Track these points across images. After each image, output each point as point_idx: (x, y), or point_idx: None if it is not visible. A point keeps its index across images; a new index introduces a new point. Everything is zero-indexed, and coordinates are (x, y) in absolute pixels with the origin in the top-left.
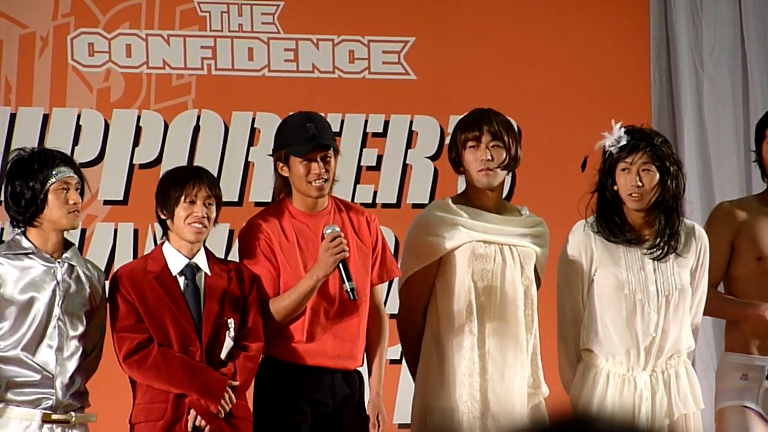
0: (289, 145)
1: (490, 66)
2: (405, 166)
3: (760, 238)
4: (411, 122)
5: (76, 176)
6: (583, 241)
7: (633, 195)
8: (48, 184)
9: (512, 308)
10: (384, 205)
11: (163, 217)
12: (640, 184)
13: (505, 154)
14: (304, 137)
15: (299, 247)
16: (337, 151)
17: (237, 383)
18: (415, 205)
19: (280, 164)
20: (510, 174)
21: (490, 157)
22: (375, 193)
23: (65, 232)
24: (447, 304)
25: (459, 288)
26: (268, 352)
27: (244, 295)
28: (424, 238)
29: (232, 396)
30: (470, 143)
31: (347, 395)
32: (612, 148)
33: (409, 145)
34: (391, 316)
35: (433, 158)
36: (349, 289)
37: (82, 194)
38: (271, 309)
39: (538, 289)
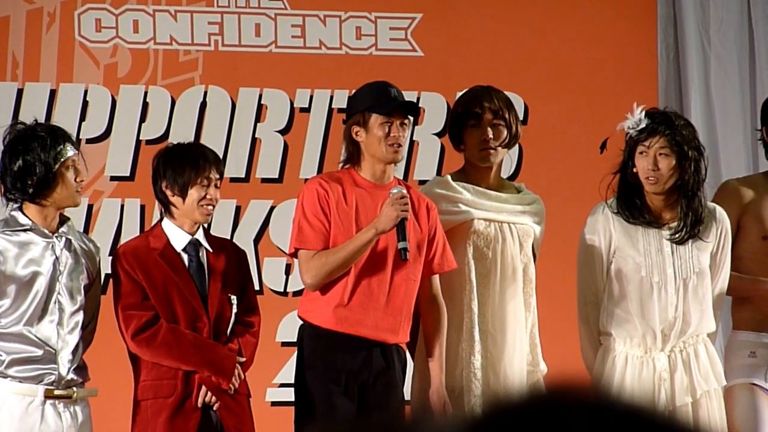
0: (373, 105)
1: (497, 43)
2: (412, 143)
3: (766, 216)
4: (418, 99)
5: (79, 154)
6: (601, 223)
7: (649, 179)
8: (59, 162)
9: (511, 286)
10: None
11: (170, 194)
12: (656, 168)
13: (505, 132)
14: (388, 98)
15: (356, 213)
16: (410, 121)
17: (244, 359)
18: (421, 182)
19: (356, 128)
20: (516, 150)
21: (491, 136)
22: None
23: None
24: (446, 282)
25: (459, 265)
26: (307, 317)
27: (242, 271)
28: None
29: (241, 372)
30: (471, 121)
31: (383, 368)
32: (631, 131)
33: (416, 122)
34: None
35: (439, 135)
36: (401, 248)
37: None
38: (320, 261)
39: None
